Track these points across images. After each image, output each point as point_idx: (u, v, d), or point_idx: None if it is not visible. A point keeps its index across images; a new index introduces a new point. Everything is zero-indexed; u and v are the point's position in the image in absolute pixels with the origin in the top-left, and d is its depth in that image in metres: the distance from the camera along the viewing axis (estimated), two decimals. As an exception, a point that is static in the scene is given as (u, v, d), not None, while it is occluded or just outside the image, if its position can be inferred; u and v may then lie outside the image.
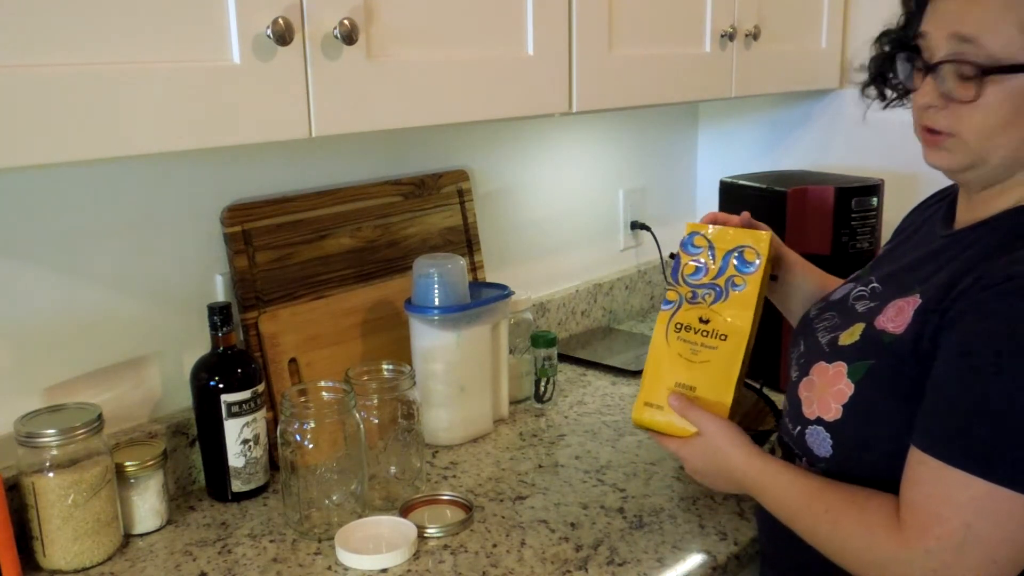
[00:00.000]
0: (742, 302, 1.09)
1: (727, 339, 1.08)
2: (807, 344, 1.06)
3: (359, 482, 1.23)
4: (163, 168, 1.30)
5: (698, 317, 1.10)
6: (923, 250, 1.00)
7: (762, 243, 1.11)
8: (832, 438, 0.97)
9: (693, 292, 1.11)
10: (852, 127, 2.03)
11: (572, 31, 1.34)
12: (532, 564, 1.13)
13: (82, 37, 0.86)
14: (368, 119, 1.10)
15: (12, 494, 1.12)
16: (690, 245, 1.14)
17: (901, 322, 0.92)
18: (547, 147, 1.88)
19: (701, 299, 1.11)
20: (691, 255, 1.13)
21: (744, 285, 1.09)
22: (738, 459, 1.02)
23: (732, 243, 1.12)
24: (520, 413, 1.60)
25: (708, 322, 1.09)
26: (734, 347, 1.08)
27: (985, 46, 0.87)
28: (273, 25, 0.97)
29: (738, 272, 1.10)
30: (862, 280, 1.06)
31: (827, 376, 0.98)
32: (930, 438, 0.86)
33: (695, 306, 1.11)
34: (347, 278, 1.49)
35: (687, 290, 1.12)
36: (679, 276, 1.13)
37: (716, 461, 1.04)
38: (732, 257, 1.11)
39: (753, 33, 1.69)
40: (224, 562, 1.15)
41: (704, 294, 1.11)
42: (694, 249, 1.13)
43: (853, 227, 1.61)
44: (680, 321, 1.11)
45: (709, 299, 1.10)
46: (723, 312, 1.09)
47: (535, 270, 1.91)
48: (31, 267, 1.19)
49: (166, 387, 1.35)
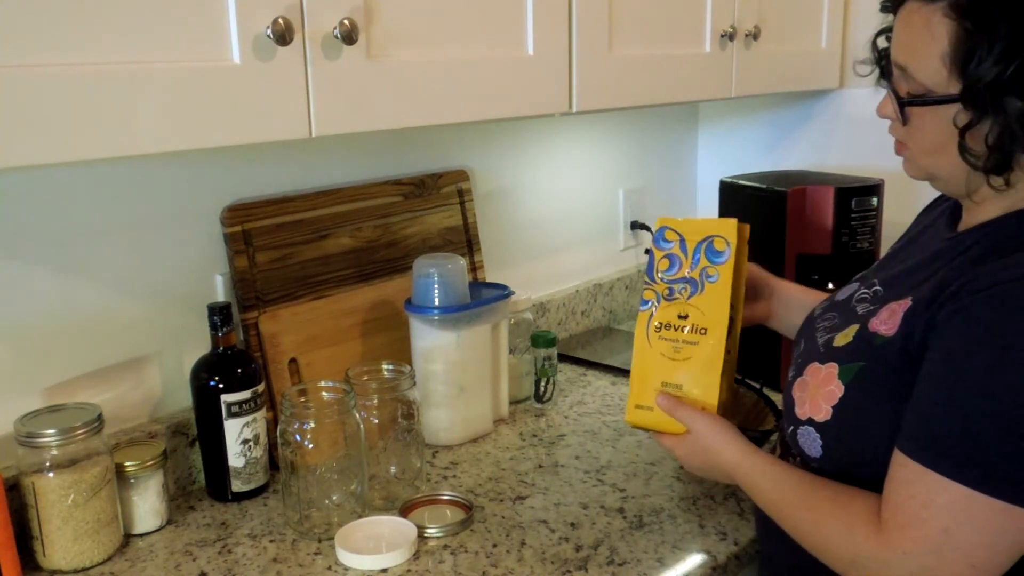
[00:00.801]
0: (717, 293, 1.07)
1: (707, 333, 1.07)
2: (806, 344, 1.06)
3: (359, 482, 1.23)
4: (163, 168, 1.30)
5: (676, 314, 1.09)
6: (926, 253, 1.01)
7: (729, 230, 1.08)
8: (822, 439, 0.97)
9: (669, 288, 1.10)
10: (852, 127, 2.03)
11: (572, 31, 1.34)
12: (532, 564, 1.13)
13: (82, 37, 0.86)
14: (368, 119, 1.10)
15: (12, 494, 1.12)
16: (661, 240, 1.12)
17: (892, 324, 0.93)
18: (547, 147, 1.88)
19: (678, 294, 1.09)
20: (663, 250, 1.12)
21: (717, 276, 1.07)
22: (727, 455, 1.03)
23: (701, 234, 1.10)
24: (520, 413, 1.60)
25: (687, 317, 1.08)
26: (716, 340, 1.07)
27: (913, 75, 0.91)
28: (273, 25, 0.97)
29: (710, 263, 1.08)
30: (867, 281, 1.06)
31: (819, 377, 0.99)
32: (912, 441, 0.87)
33: (673, 303, 1.09)
34: (347, 278, 1.49)
35: (663, 287, 1.10)
36: (654, 273, 1.12)
37: (708, 458, 1.05)
38: (703, 248, 1.09)
39: (753, 33, 1.69)
40: (224, 562, 1.15)
41: (680, 289, 1.09)
42: (666, 244, 1.12)
43: (853, 227, 1.61)
44: (660, 320, 1.10)
45: (686, 294, 1.09)
46: (700, 306, 1.08)
47: (535, 270, 1.91)
48: (31, 267, 1.19)
49: (166, 387, 1.35)
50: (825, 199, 1.60)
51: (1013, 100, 0.84)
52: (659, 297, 1.11)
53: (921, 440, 0.86)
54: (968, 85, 0.86)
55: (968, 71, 0.86)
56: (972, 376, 0.83)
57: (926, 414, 0.86)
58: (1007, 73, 0.83)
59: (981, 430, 0.82)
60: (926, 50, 0.89)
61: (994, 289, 0.84)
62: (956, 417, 0.84)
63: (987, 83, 0.84)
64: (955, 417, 0.84)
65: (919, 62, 0.90)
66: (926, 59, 0.89)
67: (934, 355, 0.87)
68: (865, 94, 2.00)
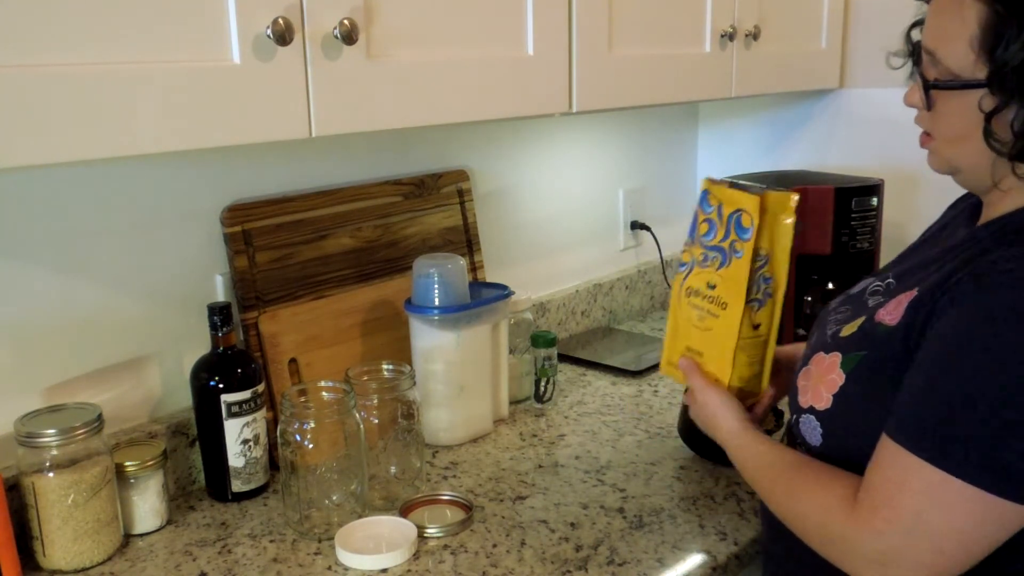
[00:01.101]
0: (739, 269, 1.04)
1: (727, 308, 1.05)
2: (817, 336, 1.07)
3: (359, 482, 1.23)
4: (163, 168, 1.30)
5: (706, 282, 1.07)
6: (942, 247, 1.01)
7: (752, 205, 1.03)
8: (822, 427, 0.98)
9: (704, 254, 1.07)
10: (852, 127, 2.04)
11: (572, 31, 1.34)
12: (532, 564, 1.13)
13: (82, 37, 0.86)
14: (368, 119, 1.10)
15: (12, 494, 1.12)
16: (705, 202, 1.08)
17: (896, 315, 0.93)
18: (547, 147, 1.88)
19: (710, 263, 1.06)
20: (705, 213, 1.08)
21: (742, 252, 1.04)
22: (724, 429, 1.08)
23: (733, 205, 1.05)
24: (520, 413, 1.60)
25: (715, 288, 1.06)
26: (732, 317, 1.05)
27: (941, 60, 0.91)
28: (273, 25, 0.97)
29: (738, 237, 1.04)
30: (881, 275, 1.06)
31: (823, 366, 0.99)
32: (895, 422, 0.87)
33: (704, 270, 1.07)
34: (347, 278, 1.49)
35: (699, 252, 1.07)
36: (695, 235, 1.08)
37: (709, 426, 1.12)
38: (733, 220, 1.05)
39: (753, 33, 1.69)
40: (224, 562, 1.15)
41: (712, 257, 1.06)
42: (708, 207, 1.08)
43: (853, 227, 1.61)
44: (690, 285, 1.08)
45: (716, 263, 1.06)
46: (725, 278, 1.05)
47: (535, 270, 1.91)
48: (31, 267, 1.19)
49: (166, 387, 1.35)
50: (825, 199, 1.60)
51: None
52: (694, 261, 1.08)
53: (904, 423, 0.86)
54: (995, 69, 0.86)
55: (996, 55, 0.86)
56: (957, 364, 0.83)
57: (912, 398, 0.87)
58: None
59: (961, 417, 0.82)
60: (956, 34, 0.89)
61: (987, 278, 0.85)
62: (939, 402, 0.84)
63: (1014, 67, 0.84)
64: (938, 402, 0.84)
65: (948, 46, 0.90)
66: (955, 43, 0.89)
67: (928, 342, 0.88)
68: (865, 94, 2.01)
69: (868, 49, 1.99)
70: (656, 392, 1.68)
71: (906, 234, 1.84)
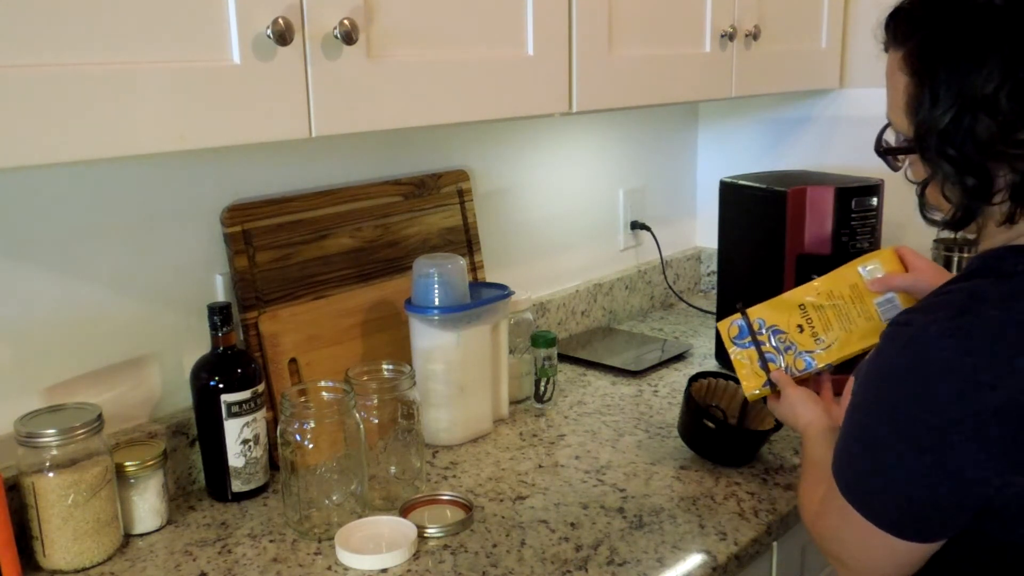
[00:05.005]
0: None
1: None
2: None
3: (359, 482, 1.23)
4: (163, 168, 1.30)
5: (796, 324, 1.26)
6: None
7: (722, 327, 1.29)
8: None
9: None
10: (852, 127, 2.04)
11: (572, 31, 1.34)
12: (532, 564, 1.13)
13: (81, 37, 0.86)
14: (368, 119, 1.10)
15: (12, 494, 1.12)
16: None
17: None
18: (547, 147, 1.88)
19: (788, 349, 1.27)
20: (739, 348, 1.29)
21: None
22: (800, 422, 1.18)
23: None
24: (520, 413, 1.60)
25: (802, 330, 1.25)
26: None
27: (894, 126, 0.96)
28: (273, 25, 0.97)
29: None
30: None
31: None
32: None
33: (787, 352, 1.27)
34: (347, 278, 1.49)
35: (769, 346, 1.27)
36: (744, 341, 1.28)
37: (790, 419, 1.21)
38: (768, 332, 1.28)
39: (753, 33, 1.69)
40: (224, 562, 1.15)
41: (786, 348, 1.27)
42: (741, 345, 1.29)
43: (853, 227, 1.60)
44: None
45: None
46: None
47: (535, 270, 1.91)
48: (31, 267, 1.19)
49: (166, 387, 1.35)
50: (825, 199, 1.60)
51: (949, 149, 0.86)
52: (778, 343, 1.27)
53: (836, 446, 0.95)
54: (917, 134, 0.89)
55: (917, 120, 0.89)
56: (856, 398, 0.91)
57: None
58: (947, 121, 0.85)
59: (851, 448, 0.91)
60: (895, 102, 0.93)
61: (895, 326, 0.88)
62: (844, 434, 0.93)
63: (939, 131, 0.87)
64: (844, 434, 0.93)
65: (892, 114, 0.95)
66: (895, 111, 0.94)
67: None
68: (865, 94, 2.01)
69: (868, 49, 1.97)
70: (656, 392, 1.68)
71: (906, 234, 1.84)
